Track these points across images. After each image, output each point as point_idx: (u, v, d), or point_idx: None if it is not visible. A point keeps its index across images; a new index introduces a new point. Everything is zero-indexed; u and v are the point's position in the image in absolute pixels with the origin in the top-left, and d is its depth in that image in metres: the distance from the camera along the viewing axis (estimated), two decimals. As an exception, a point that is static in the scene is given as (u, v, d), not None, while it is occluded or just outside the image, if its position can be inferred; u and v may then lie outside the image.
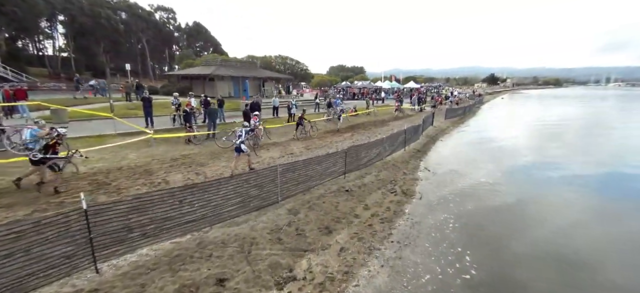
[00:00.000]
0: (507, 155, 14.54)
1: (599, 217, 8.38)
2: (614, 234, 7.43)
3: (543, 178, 11.19)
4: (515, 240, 6.87)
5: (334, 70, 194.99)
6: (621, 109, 45.51)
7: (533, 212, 8.30)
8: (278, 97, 25.90)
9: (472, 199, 8.96)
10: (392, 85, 47.97)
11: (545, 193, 9.76)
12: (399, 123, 21.74)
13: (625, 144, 18.23)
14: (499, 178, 10.87)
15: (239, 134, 9.40)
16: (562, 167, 12.72)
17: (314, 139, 15.22)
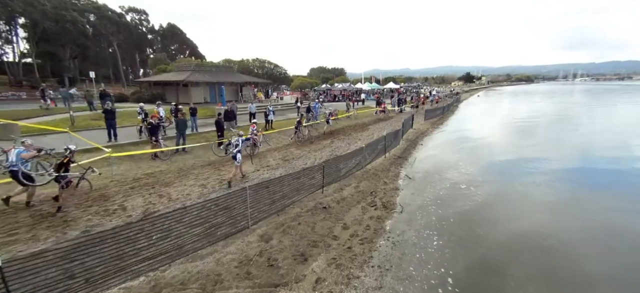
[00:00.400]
0: (485, 157, 14.52)
1: (583, 210, 8.77)
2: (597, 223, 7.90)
3: (522, 180, 11.12)
4: (499, 255, 6.56)
5: (315, 72, 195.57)
6: (586, 103, 47.94)
7: (513, 220, 8.08)
8: (255, 102, 25.12)
9: (454, 210, 8.64)
10: (372, 86, 48.07)
11: (525, 196, 9.64)
12: (379, 126, 21.52)
13: (593, 137, 19.24)
14: (479, 184, 10.68)
15: (236, 143, 9.69)
16: (540, 167, 12.81)
17: (292, 149, 14.60)
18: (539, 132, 22.23)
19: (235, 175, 9.76)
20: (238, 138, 10.02)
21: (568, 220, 8.22)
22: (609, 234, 7.60)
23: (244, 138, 10.55)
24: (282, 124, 20.42)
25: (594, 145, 17.38)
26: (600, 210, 8.94)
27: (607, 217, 8.53)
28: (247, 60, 38.49)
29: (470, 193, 9.89)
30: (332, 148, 14.64)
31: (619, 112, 35.43)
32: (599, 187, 10.87)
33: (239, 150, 9.55)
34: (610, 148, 16.38)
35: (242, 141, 10.03)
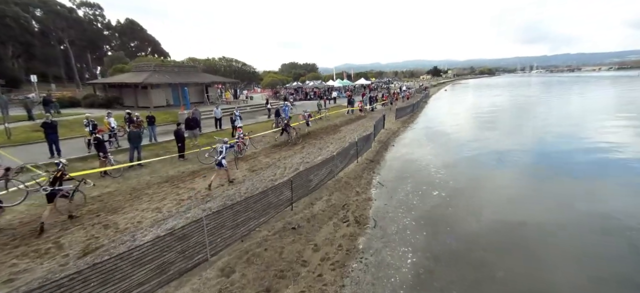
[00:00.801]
0: (454, 155, 14.68)
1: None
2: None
3: (492, 178, 11.26)
4: (474, 271, 6.38)
5: (286, 68, 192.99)
6: (542, 95, 51.49)
7: (485, 227, 8.01)
8: (221, 104, 23.90)
9: (427, 220, 8.44)
10: (344, 83, 47.89)
11: (496, 196, 9.69)
12: (351, 127, 21.24)
13: (551, 127, 21.64)
14: (450, 188, 10.64)
15: (221, 150, 9.98)
16: (507, 161, 13.27)
17: (260, 157, 13.84)
18: (502, 125, 23.13)
19: (221, 178, 10.39)
20: (223, 145, 10.20)
21: (540, 222, 8.28)
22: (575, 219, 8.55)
23: (229, 145, 10.63)
24: (252, 128, 19.51)
25: (552, 134, 19.35)
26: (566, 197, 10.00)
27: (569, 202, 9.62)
28: (213, 59, 36.62)
29: (442, 200, 9.77)
30: (302, 155, 14.06)
31: (570, 102, 38.99)
32: (563, 173, 12.18)
33: (223, 156, 9.92)
34: (565, 136, 18.65)
35: (226, 148, 10.23)
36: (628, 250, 6.99)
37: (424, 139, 19.19)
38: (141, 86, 25.05)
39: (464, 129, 22.23)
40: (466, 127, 22.95)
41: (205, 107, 26.04)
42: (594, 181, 11.25)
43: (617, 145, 15.78)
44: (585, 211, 8.85)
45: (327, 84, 45.67)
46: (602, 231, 7.84)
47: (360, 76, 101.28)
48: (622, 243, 7.26)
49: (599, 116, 25.83)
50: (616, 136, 17.90)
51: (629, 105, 33.48)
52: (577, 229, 8.01)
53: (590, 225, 8.14)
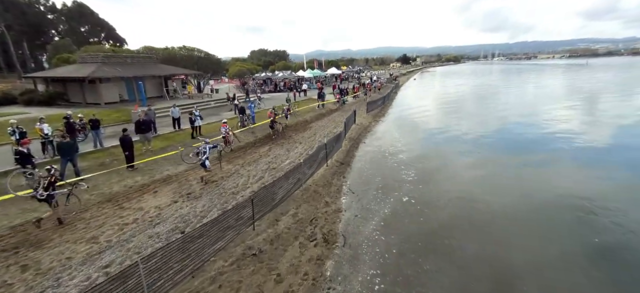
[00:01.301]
0: (424, 149, 14.58)
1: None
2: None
3: (463, 173, 11.14)
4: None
5: (255, 55, 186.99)
6: (503, 82, 54.61)
7: (457, 236, 7.73)
8: (180, 97, 22.13)
9: (398, 234, 8.02)
10: (314, 73, 46.80)
11: (469, 197, 9.50)
12: (322, 123, 20.53)
13: (511, 115, 24.08)
14: (420, 193, 10.34)
15: (204, 150, 10.25)
16: (475, 149, 14.08)
17: (222, 163, 12.74)
18: (467, 116, 23.58)
19: (205, 177, 10.57)
20: (205, 145, 10.39)
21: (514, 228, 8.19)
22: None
23: (211, 145, 10.79)
24: (217, 127, 18.17)
25: (514, 124, 21.04)
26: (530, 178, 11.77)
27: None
28: (173, 48, 33.88)
29: (412, 209, 9.42)
30: (269, 159, 13.15)
31: (528, 92, 42.01)
32: (526, 162, 13.45)
33: (206, 157, 10.23)
34: (524, 125, 20.63)
35: (209, 148, 10.43)
36: (577, 223, 8.38)
37: (394, 132, 18.96)
38: (87, 80, 22.47)
39: (432, 121, 22.39)
40: (434, 119, 23.12)
41: (164, 103, 24.04)
42: (547, 163, 13.26)
43: (566, 130, 18.53)
44: (541, 190, 10.50)
45: (297, 74, 44.36)
46: (554, 207, 9.33)
47: (332, 64, 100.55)
48: (571, 217, 8.64)
49: (551, 104, 28.81)
50: (565, 122, 20.94)
51: (577, 93, 37.75)
52: (541, 211, 9.13)
53: (544, 202, 9.62)
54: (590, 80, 55.40)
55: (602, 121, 21.30)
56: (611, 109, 25.50)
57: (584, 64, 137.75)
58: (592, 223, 8.29)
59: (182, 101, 26.21)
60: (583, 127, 19.29)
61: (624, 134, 17.43)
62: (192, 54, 32.60)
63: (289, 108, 20.48)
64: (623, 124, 19.76)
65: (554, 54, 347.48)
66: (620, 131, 18.16)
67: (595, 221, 8.36)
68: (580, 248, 7.32)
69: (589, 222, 8.36)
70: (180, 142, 14.83)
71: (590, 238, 7.65)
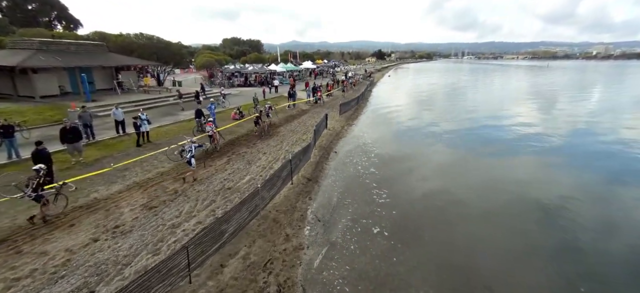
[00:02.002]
0: (399, 160, 13.55)
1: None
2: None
3: (438, 192, 10.22)
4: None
5: (228, 44, 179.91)
6: (475, 82, 56.27)
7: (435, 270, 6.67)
8: (129, 90, 19.59)
9: (371, 282, 6.80)
10: (287, 68, 44.74)
11: (446, 231, 8.53)
12: (291, 127, 18.96)
13: (483, 116, 25.76)
14: (394, 221, 9.23)
15: (189, 149, 10.18)
16: (450, 155, 12.54)
17: (167, 182, 10.88)
18: (441, 115, 23.08)
19: (191, 175, 10.58)
20: (191, 144, 10.33)
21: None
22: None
23: (197, 144, 10.73)
24: (173, 130, 16.01)
25: (486, 125, 22.12)
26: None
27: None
28: (128, 35, 30.21)
29: (387, 246, 8.25)
30: (225, 175, 11.43)
31: (497, 90, 48.05)
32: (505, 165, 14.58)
33: (192, 155, 10.17)
34: (495, 127, 21.55)
35: (195, 147, 10.38)
36: (536, 209, 10.00)
37: (368, 139, 17.85)
38: (18, 70, 19.20)
39: (407, 124, 21.61)
40: (409, 123, 22.37)
41: (115, 98, 21.25)
42: (510, 155, 15.53)
43: (527, 125, 21.58)
44: (506, 182, 12.21)
45: (270, 68, 42.12)
46: (516, 195, 11.05)
47: (307, 58, 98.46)
48: (532, 205, 10.25)
49: (515, 102, 33.42)
50: (527, 118, 24.31)
51: (538, 92, 43.46)
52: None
53: (507, 192, 11.33)
54: (552, 82, 60.16)
55: (562, 120, 24.11)
56: (570, 109, 28.94)
57: (545, 66, 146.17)
58: (549, 214, 9.70)
59: (136, 96, 23.43)
60: (546, 125, 21.87)
61: (580, 132, 20.14)
62: (151, 42, 29.36)
63: (271, 106, 18.76)
64: (581, 123, 22.89)
65: (518, 55, 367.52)
66: (577, 129, 21.01)
67: (552, 212, 9.79)
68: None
69: (547, 212, 9.77)
70: (122, 151, 12.69)
71: (549, 228, 8.99)
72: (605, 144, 17.18)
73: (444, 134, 19.30)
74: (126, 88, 25.48)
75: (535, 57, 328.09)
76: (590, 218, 9.43)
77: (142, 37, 30.48)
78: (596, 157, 15.13)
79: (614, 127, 21.35)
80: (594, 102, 33.83)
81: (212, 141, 13.76)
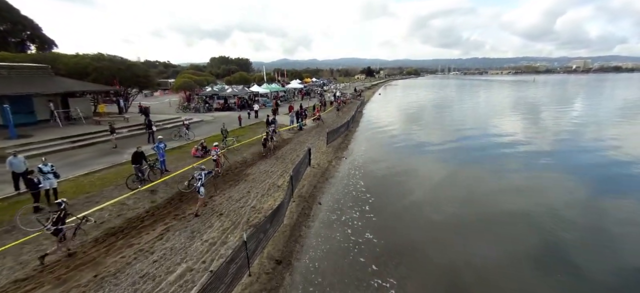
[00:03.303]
0: (406, 226, 9.99)
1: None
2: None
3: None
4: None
5: (215, 63, 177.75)
6: (464, 97, 57.48)
7: None
8: (76, 114, 15.63)
9: None
10: (271, 88, 41.31)
11: None
12: (264, 167, 15.21)
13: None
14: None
15: (199, 177, 9.70)
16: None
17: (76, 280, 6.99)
18: (445, 146, 19.87)
19: (201, 206, 9.97)
20: (201, 172, 9.83)
21: None
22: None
23: (206, 171, 10.16)
24: (105, 179, 12.05)
25: (482, 138, 23.35)
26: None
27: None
28: (85, 56, 26.27)
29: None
30: (150, 262, 7.56)
31: (487, 104, 49.99)
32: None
33: (202, 183, 9.64)
34: (494, 144, 21.69)
35: (205, 175, 9.88)
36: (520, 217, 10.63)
37: (361, 180, 14.29)
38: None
39: (408, 158, 18.19)
40: (410, 156, 19.00)
41: (55, 133, 17.27)
42: (504, 167, 16.19)
43: (515, 138, 22.96)
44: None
45: (252, 89, 38.64)
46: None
47: (295, 76, 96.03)
48: (517, 213, 10.92)
49: (503, 115, 35.73)
50: (513, 130, 26.06)
51: (523, 106, 45.37)
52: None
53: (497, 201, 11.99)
54: (543, 95, 63.27)
55: (554, 130, 26.06)
56: (562, 119, 31.55)
57: (531, 80, 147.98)
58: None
59: (85, 128, 19.47)
60: (544, 137, 23.54)
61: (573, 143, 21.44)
62: (111, 63, 25.45)
63: (275, 129, 16.36)
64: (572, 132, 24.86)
65: (502, 70, 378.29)
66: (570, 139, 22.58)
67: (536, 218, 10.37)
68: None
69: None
70: (6, 223, 8.71)
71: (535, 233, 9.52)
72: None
73: (462, 176, 15.94)
74: (74, 118, 21.49)
75: (518, 72, 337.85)
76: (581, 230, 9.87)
77: (102, 57, 26.64)
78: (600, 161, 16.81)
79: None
80: (600, 107, 38.19)
81: (217, 165, 13.39)
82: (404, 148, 20.61)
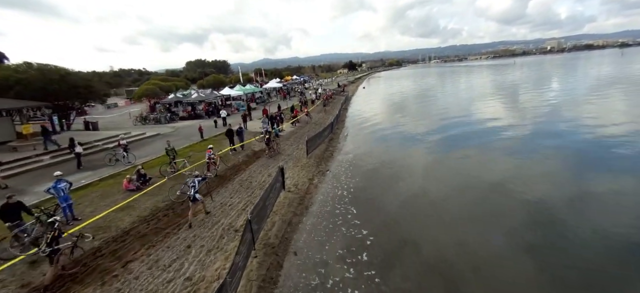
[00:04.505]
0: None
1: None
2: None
3: None
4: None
5: (192, 67, 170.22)
6: (449, 83, 58.65)
7: None
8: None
9: None
10: (245, 90, 36.99)
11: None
12: (224, 196, 11.31)
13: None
14: None
15: (192, 185, 9.12)
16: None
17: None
18: (454, 132, 16.58)
19: (196, 214, 9.41)
20: (194, 179, 9.20)
21: None
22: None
23: (200, 177, 9.59)
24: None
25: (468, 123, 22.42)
26: None
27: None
28: (7, 67, 21.57)
29: None
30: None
31: (469, 89, 50.23)
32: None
33: (196, 190, 9.10)
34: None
35: (198, 181, 9.28)
36: (510, 202, 10.11)
37: (351, 207, 10.68)
38: None
39: (401, 161, 14.71)
40: (403, 157, 15.56)
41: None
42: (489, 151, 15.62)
43: (498, 122, 22.11)
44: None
45: (222, 93, 34.33)
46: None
47: (275, 75, 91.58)
48: (503, 197, 10.48)
49: (483, 100, 35.28)
50: (495, 114, 25.44)
51: (502, 89, 45.09)
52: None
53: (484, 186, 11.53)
54: (528, 76, 62.73)
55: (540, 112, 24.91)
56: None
57: (512, 63, 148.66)
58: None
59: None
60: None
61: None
62: (40, 74, 20.70)
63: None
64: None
65: (481, 55, 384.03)
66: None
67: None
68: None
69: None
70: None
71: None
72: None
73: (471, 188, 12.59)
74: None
75: (496, 56, 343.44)
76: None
77: (29, 67, 21.86)
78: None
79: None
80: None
81: (208, 169, 12.89)
82: (400, 153, 17.13)
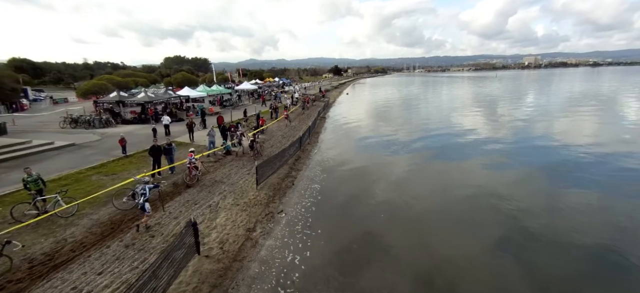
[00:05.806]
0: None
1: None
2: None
3: None
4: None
5: (169, 63, 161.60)
6: (433, 93, 58.32)
7: None
8: None
9: None
10: (209, 91, 32.07)
11: None
12: (101, 261, 6.80)
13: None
14: None
15: (142, 192, 8.22)
16: None
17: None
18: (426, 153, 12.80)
19: (144, 223, 8.30)
20: (144, 185, 8.31)
21: None
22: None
23: (151, 185, 8.63)
24: None
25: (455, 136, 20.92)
26: None
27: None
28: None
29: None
30: None
31: (454, 98, 50.52)
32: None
33: (146, 199, 8.20)
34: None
35: (149, 189, 8.38)
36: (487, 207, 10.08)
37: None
38: None
39: (390, 201, 10.73)
40: (390, 191, 11.59)
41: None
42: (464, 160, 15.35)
43: (477, 132, 22.15)
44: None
45: (181, 93, 29.36)
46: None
47: (256, 76, 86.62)
48: (484, 204, 10.39)
49: (464, 109, 35.26)
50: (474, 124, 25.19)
51: (483, 100, 45.98)
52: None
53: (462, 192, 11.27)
54: (512, 89, 63.17)
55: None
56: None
57: (494, 76, 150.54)
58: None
59: None
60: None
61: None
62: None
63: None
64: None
65: (463, 67, 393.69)
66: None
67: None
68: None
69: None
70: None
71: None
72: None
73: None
74: None
75: (477, 69, 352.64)
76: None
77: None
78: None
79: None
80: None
81: (189, 171, 11.61)
82: (384, 185, 13.15)
